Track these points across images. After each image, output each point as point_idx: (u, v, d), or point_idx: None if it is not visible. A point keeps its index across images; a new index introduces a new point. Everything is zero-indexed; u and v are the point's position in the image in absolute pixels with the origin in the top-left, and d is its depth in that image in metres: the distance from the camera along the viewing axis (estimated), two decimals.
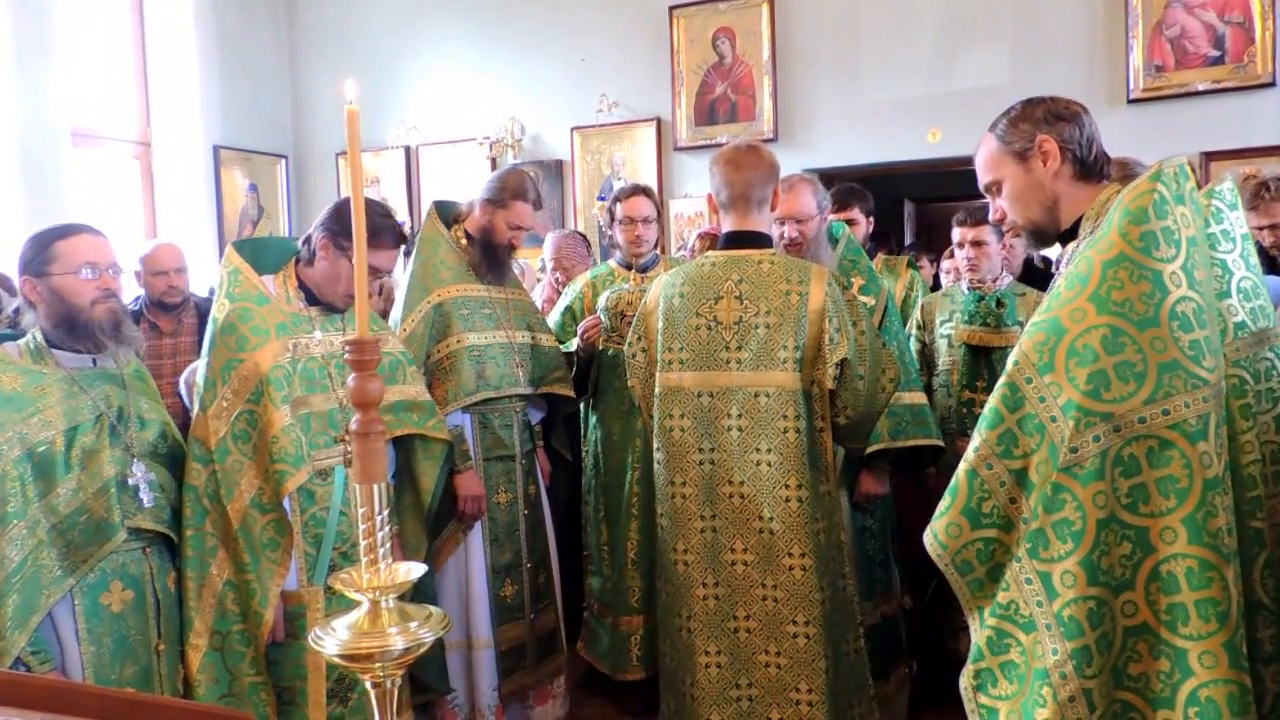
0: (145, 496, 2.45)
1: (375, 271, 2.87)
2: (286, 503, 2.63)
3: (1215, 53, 5.36)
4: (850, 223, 4.03)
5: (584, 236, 5.46)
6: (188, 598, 2.57)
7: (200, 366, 2.71)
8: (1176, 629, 1.63)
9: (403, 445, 3.08)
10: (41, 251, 2.42)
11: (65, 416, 2.36)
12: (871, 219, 4.33)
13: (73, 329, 2.43)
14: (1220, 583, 1.60)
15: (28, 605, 2.24)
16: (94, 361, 2.50)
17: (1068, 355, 1.69)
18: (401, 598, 1.18)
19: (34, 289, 2.43)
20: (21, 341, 2.47)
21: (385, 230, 2.83)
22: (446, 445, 3.11)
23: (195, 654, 2.55)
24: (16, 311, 3.55)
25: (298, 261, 2.92)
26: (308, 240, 2.89)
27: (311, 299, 2.88)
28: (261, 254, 2.89)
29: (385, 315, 3.80)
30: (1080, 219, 1.92)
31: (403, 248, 3.00)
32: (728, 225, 2.93)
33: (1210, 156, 5.32)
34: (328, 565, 2.70)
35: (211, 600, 2.56)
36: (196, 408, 2.66)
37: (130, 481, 2.43)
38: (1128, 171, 2.33)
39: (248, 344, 2.64)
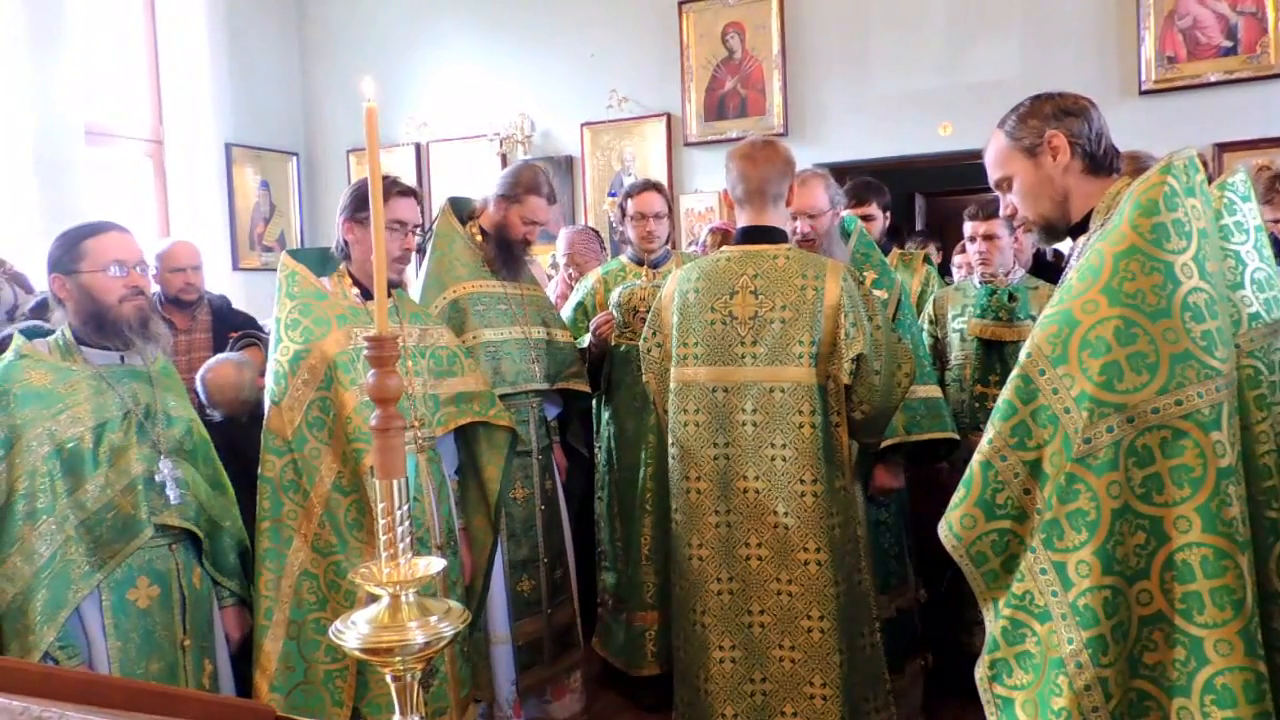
0: (172, 493, 2.47)
1: (401, 225, 2.89)
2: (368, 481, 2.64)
3: (1228, 43, 5.33)
4: (867, 218, 4.02)
5: (597, 232, 5.46)
6: (264, 588, 2.61)
7: (269, 363, 2.75)
8: (1192, 617, 1.64)
9: (465, 438, 3.11)
10: (70, 249, 2.45)
11: (94, 413, 2.40)
12: (888, 213, 4.31)
13: (101, 326, 2.46)
14: (1235, 571, 1.61)
15: (56, 600, 2.27)
16: (122, 359, 2.53)
17: (1080, 347, 1.70)
18: (469, 599, 1.18)
19: (63, 286, 2.46)
20: (51, 338, 2.50)
21: (389, 186, 2.87)
22: (510, 433, 3.14)
23: (273, 644, 2.59)
24: (35, 308, 3.58)
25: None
26: (339, 244, 2.95)
27: (366, 294, 2.91)
28: (315, 261, 2.95)
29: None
30: (1091, 213, 1.94)
31: (416, 244, 3.04)
32: (743, 220, 2.94)
33: (1223, 148, 5.30)
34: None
35: (289, 590, 2.60)
36: (268, 401, 2.69)
37: (157, 478, 2.46)
38: (1139, 164, 2.33)
39: (312, 335, 2.69)
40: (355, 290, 2.92)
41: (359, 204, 2.87)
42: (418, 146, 7.38)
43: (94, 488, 2.36)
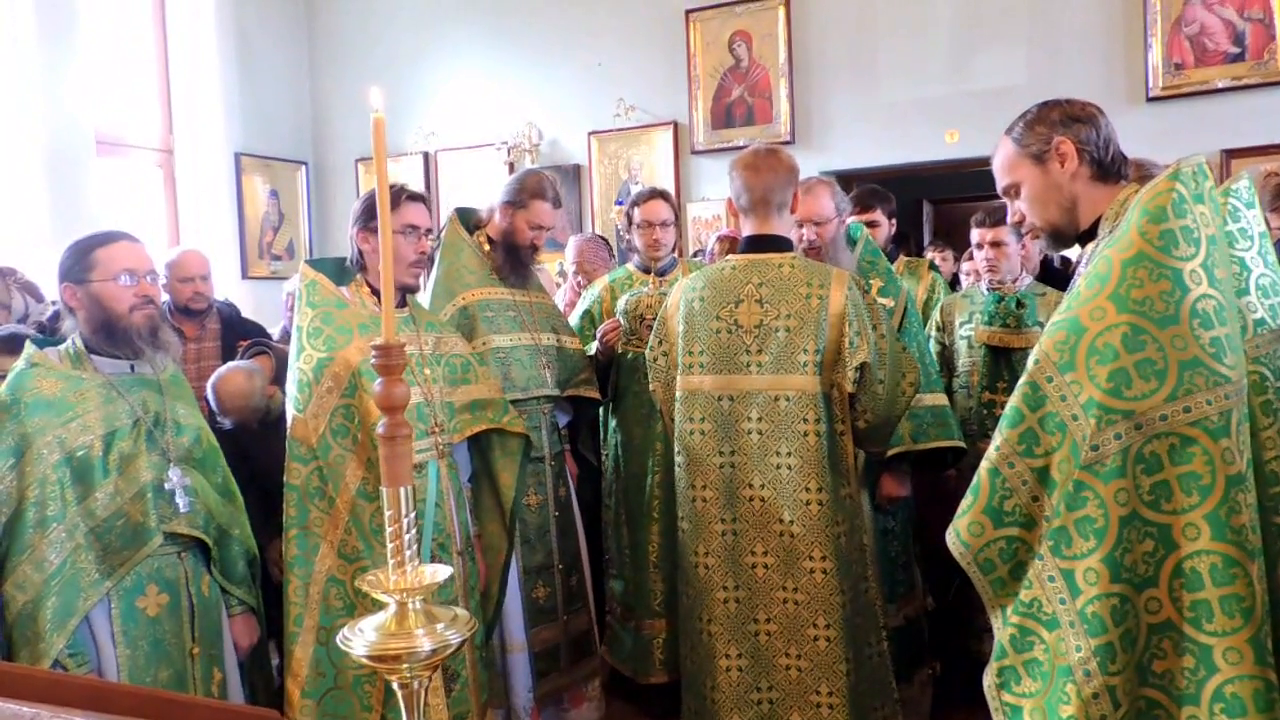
0: (181, 501, 2.49)
1: (415, 229, 2.90)
2: None
3: (1235, 50, 5.33)
4: (872, 224, 4.02)
5: (605, 240, 5.47)
6: (293, 594, 2.61)
7: (290, 372, 2.75)
8: (1201, 626, 1.63)
9: (479, 445, 3.11)
10: (81, 259, 2.47)
11: (103, 422, 2.41)
12: (893, 220, 4.32)
13: (112, 335, 2.48)
14: (1244, 579, 1.60)
15: (66, 608, 2.28)
16: (132, 367, 2.54)
17: (1088, 354, 1.70)
18: (485, 605, 1.17)
19: (74, 295, 2.47)
20: (62, 347, 2.52)
21: (398, 192, 2.89)
22: (524, 440, 3.14)
23: (304, 650, 2.60)
24: (52, 318, 3.60)
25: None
26: (354, 255, 2.96)
27: None
28: (334, 271, 2.95)
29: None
30: (1099, 219, 1.93)
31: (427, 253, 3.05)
32: (748, 229, 2.94)
33: (1231, 154, 5.29)
34: (428, 557, 2.74)
35: (318, 597, 2.61)
36: (292, 410, 2.69)
37: (166, 486, 2.48)
38: (1144, 172, 2.33)
39: (335, 344, 2.69)
40: (373, 299, 2.92)
41: (371, 214, 2.87)
42: (426, 155, 7.41)
43: (103, 496, 2.37)
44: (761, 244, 2.90)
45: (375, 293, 2.93)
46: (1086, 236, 1.97)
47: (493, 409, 3.07)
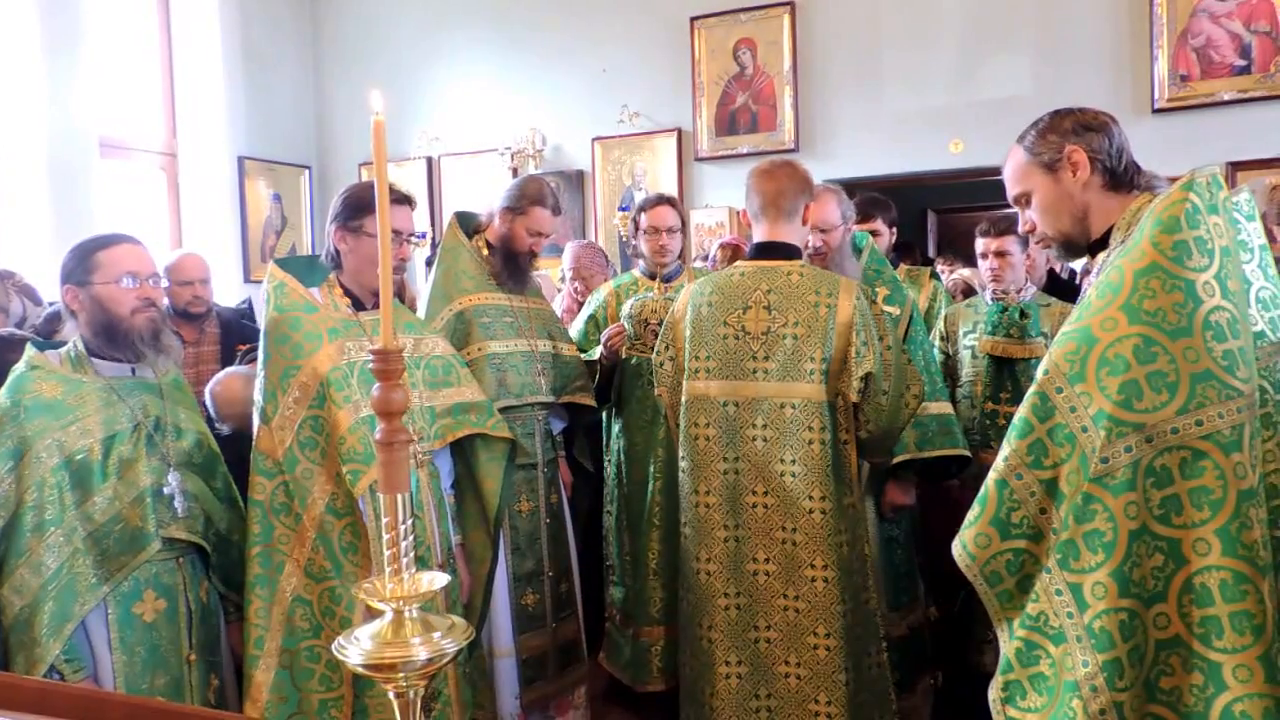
0: (180, 506, 2.46)
1: (396, 234, 2.80)
2: (362, 504, 2.54)
3: (1241, 62, 5.32)
4: (873, 233, 4.01)
5: (600, 249, 5.45)
6: (254, 616, 2.50)
7: (257, 380, 2.66)
8: (1210, 642, 1.61)
9: (462, 450, 3.02)
10: (84, 261, 2.45)
11: (103, 425, 2.39)
12: (894, 229, 4.31)
13: (113, 338, 2.46)
14: (1255, 595, 1.58)
15: (62, 613, 2.26)
16: (133, 371, 2.52)
17: (1099, 365, 1.68)
18: (468, 618, 1.16)
19: (76, 298, 2.45)
20: (63, 350, 2.49)
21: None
22: (509, 444, 3.05)
23: (265, 674, 2.49)
24: (48, 320, 3.58)
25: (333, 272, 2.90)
26: (330, 252, 2.85)
27: (358, 305, 2.81)
28: (304, 270, 2.85)
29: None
30: (1111, 229, 1.92)
31: (425, 259, 3.01)
32: (758, 235, 2.95)
33: (1236, 166, 5.28)
34: None
35: (281, 617, 2.51)
36: (258, 420, 2.60)
37: (165, 491, 2.45)
38: (1147, 183, 2.31)
39: (302, 351, 2.58)
40: (347, 301, 2.81)
41: (351, 212, 2.77)
42: (429, 160, 7.41)
43: (102, 500, 2.35)
44: (771, 251, 2.91)
45: (349, 293, 2.81)
46: (1098, 246, 1.96)
47: (476, 412, 2.97)
